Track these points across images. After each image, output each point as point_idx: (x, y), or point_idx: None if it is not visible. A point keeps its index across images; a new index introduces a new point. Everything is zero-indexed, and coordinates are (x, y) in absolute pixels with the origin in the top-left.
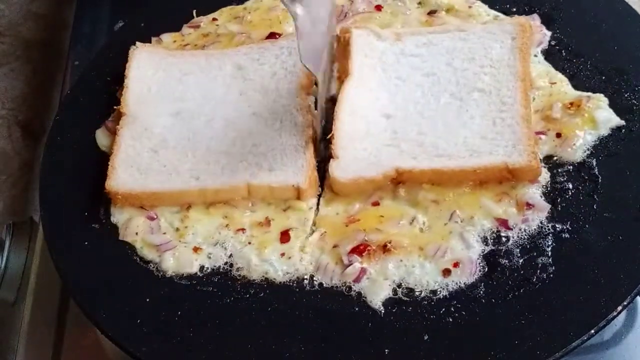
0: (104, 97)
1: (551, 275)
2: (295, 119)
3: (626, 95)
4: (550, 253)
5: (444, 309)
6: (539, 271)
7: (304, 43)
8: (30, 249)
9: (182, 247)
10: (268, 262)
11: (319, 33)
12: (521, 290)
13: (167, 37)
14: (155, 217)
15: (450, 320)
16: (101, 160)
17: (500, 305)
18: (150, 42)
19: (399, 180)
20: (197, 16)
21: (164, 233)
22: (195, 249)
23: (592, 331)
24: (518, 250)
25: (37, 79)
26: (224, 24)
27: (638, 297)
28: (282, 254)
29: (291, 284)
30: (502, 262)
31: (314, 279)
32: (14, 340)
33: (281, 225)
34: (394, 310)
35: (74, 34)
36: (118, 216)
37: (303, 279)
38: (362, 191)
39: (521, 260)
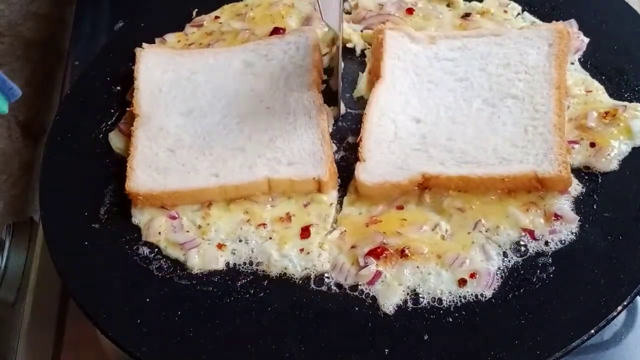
0: (104, 97)
1: (551, 275)
2: (309, 112)
3: (626, 96)
4: (550, 253)
5: (444, 309)
6: (539, 271)
7: (322, 2)
8: (30, 249)
9: (205, 244)
10: (288, 257)
11: None
12: (521, 290)
13: (171, 37)
14: (177, 216)
15: (450, 320)
16: (101, 161)
17: (500, 305)
18: (151, 41)
19: (426, 186)
20: (198, 15)
21: (187, 231)
22: (220, 246)
23: (592, 331)
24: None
25: (37, 79)
26: (226, 21)
27: (638, 297)
28: (301, 250)
29: (292, 282)
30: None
31: (325, 276)
32: (14, 340)
33: (302, 221)
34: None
35: (74, 34)
36: (139, 217)
37: (307, 277)
38: (387, 195)
39: (521, 260)
